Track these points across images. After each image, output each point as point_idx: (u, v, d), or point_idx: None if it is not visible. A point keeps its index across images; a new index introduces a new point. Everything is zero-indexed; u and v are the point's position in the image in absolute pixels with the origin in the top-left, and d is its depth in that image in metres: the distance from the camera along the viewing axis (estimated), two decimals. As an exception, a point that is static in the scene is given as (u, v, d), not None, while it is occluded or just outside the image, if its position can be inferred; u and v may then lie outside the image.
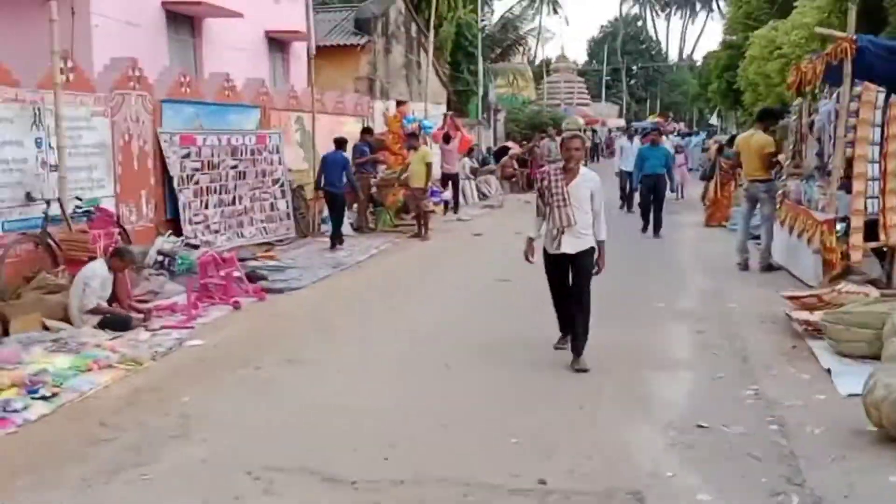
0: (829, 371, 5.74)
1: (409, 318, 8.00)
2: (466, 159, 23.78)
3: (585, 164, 7.23)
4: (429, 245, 13.53)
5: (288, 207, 13.56)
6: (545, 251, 6.28)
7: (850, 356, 5.92)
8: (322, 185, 13.29)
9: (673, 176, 14.70)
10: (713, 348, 6.65)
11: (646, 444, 4.68)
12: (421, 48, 23.01)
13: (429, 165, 13.97)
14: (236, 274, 8.91)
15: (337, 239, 13.04)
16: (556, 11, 76.42)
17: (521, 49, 44.64)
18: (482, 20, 37.20)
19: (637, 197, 15.28)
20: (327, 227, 14.77)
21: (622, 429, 4.91)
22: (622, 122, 55.20)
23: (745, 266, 10.18)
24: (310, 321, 7.94)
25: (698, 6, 77.45)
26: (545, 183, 6.16)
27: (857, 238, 8.24)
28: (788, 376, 5.81)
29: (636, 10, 79.84)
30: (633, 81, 72.91)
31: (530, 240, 6.44)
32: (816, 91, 10.35)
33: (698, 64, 64.13)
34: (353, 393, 5.67)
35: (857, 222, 8.24)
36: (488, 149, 30.12)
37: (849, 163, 8.39)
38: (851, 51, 7.99)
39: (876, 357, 5.78)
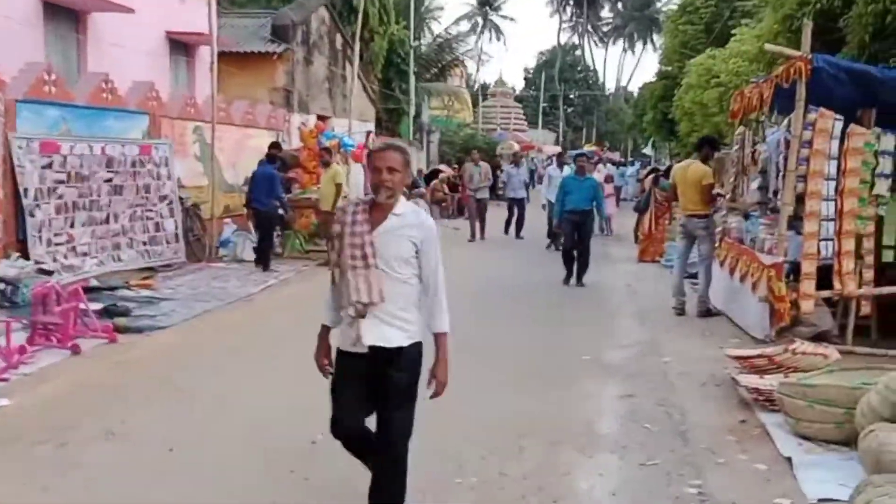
0: (789, 460, 4.58)
1: (283, 374, 6.57)
2: (392, 181, 22.54)
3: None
4: (336, 275, 12.14)
5: (177, 228, 12.04)
6: (339, 349, 3.66)
7: (813, 439, 4.78)
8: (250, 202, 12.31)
9: (602, 212, 12.08)
10: (646, 419, 5.44)
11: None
12: (347, 61, 21.73)
13: (338, 186, 12.62)
14: (83, 308, 7.37)
15: (263, 262, 12.01)
16: (498, 38, 76.55)
17: (459, 72, 43.85)
18: (417, 38, 36.22)
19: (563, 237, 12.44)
20: (226, 252, 13.35)
21: (525, 551, 3.63)
22: (559, 150, 54.86)
23: (681, 311, 9.10)
24: (158, 375, 6.44)
25: (636, 37, 78.16)
26: (337, 228, 3.51)
27: (808, 286, 7.20)
28: (739, 466, 4.62)
29: (575, 39, 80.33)
30: (570, 109, 73.01)
31: (325, 330, 3.76)
32: (761, 119, 9.41)
33: (634, 95, 64.52)
34: (176, 491, 4.25)
35: (809, 268, 7.21)
36: (419, 171, 28.95)
37: (800, 199, 7.38)
38: (807, 72, 6.98)
39: (845, 443, 4.65)
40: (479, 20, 72.83)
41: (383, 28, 26.71)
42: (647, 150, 49.46)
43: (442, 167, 28.60)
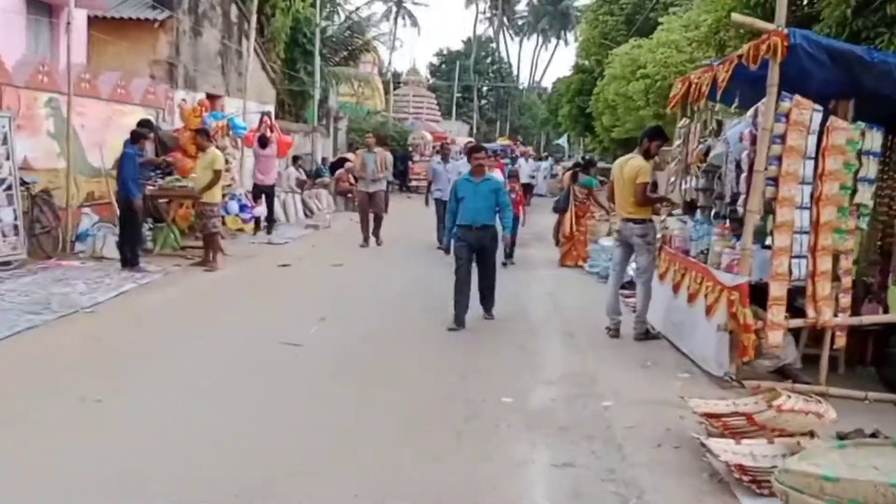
0: (804, 592, 3.18)
1: (108, 426, 4.86)
2: (292, 169, 20.65)
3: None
4: (213, 278, 10.31)
5: (17, 218, 9.99)
6: None
7: (830, 552, 3.40)
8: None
9: (507, 225, 8.88)
10: (592, 505, 3.98)
11: None
12: (244, 35, 19.68)
13: (216, 173, 10.77)
14: None
15: (123, 259, 10.34)
16: (414, 24, 74.64)
17: (371, 58, 42.05)
18: (328, 19, 34.24)
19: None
20: (84, 247, 11.34)
21: None
22: (471, 141, 53.48)
23: (615, 332, 7.73)
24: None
25: (549, 32, 77.69)
26: None
27: (777, 313, 5.90)
28: None
29: (490, 31, 79.33)
30: (484, 102, 71.95)
31: None
32: (714, 108, 8.16)
33: (547, 90, 63.91)
34: None
35: (779, 291, 5.90)
36: (324, 159, 27.07)
37: (767, 206, 6.07)
38: (782, 49, 5.66)
39: (880, 562, 3.29)
40: (393, 6, 70.99)
41: (286, 3, 24.66)
42: (561, 141, 48.83)
43: (349, 156, 26.83)
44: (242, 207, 14.94)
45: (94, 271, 10.04)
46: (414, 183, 31.10)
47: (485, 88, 71.60)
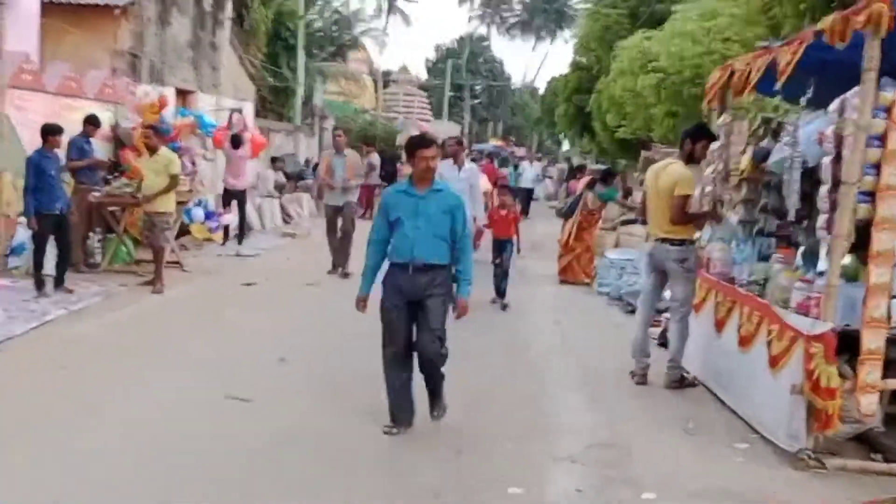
0: None
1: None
2: (271, 171, 19.14)
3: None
4: (158, 302, 8.75)
5: (-70, 231, 8.50)
6: None
7: None
8: None
9: (468, 269, 5.00)
10: None
11: None
12: (218, 26, 18.18)
13: (174, 178, 9.25)
14: None
15: (53, 281, 8.71)
16: (406, 24, 73.10)
17: (361, 55, 40.65)
18: (315, 13, 32.80)
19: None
20: (18, 262, 9.84)
21: None
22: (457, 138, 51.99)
23: (643, 379, 6.27)
24: None
25: (544, 33, 76.30)
26: None
27: (871, 370, 4.45)
28: None
29: (482, 29, 77.91)
30: (476, 101, 70.54)
31: None
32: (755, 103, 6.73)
33: (541, 91, 62.47)
34: None
35: (875, 341, 4.45)
36: (307, 161, 25.58)
37: (859, 229, 4.63)
38: (890, 21, 4.22)
39: None
40: (385, 2, 69.41)
41: (267, -6, 23.17)
42: (565, 146, 47.57)
43: (334, 157, 25.35)
44: (209, 215, 13.43)
45: (23, 292, 8.53)
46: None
47: (477, 88, 70.16)
